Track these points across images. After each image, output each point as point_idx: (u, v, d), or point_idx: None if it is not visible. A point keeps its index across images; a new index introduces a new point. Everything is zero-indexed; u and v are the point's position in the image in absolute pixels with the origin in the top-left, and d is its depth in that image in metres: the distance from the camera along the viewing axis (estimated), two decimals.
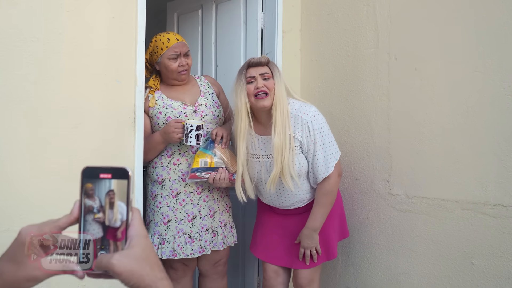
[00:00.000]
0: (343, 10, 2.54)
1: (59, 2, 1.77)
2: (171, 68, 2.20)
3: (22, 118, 1.68)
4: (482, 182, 1.95)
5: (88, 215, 0.65)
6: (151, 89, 2.25)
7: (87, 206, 0.65)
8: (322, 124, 2.05)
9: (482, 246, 1.95)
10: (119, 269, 0.60)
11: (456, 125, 2.04)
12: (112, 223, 0.65)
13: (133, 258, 0.62)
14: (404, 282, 2.23)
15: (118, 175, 0.66)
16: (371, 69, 2.39)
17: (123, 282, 0.62)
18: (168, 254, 2.14)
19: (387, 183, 2.31)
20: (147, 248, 0.64)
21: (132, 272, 0.61)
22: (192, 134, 2.05)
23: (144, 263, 0.62)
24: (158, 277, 0.63)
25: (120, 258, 0.61)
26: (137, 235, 0.64)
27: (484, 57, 1.95)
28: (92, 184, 0.65)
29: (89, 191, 0.65)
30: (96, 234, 0.65)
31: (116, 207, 0.65)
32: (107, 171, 0.66)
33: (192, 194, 2.21)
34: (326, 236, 2.15)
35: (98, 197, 0.65)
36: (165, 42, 2.20)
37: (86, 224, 0.65)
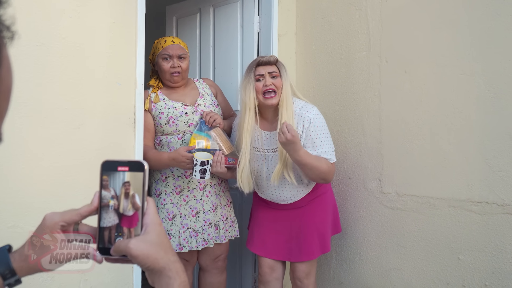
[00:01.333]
0: (337, 14, 2.61)
1: (62, 8, 1.85)
2: (163, 68, 2.31)
3: (26, 119, 1.75)
4: (468, 180, 2.03)
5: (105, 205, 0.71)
6: (154, 88, 2.35)
7: (103, 197, 0.71)
8: (322, 123, 2.14)
9: (468, 242, 2.02)
10: (136, 253, 0.66)
11: (444, 126, 2.11)
12: (127, 212, 0.71)
13: (148, 243, 0.67)
14: (395, 277, 2.31)
15: (134, 168, 0.71)
16: (363, 71, 2.46)
17: (139, 265, 0.67)
18: (174, 248, 2.23)
19: (378, 182, 2.38)
20: (161, 234, 0.70)
21: (147, 255, 0.66)
22: (197, 168, 2.14)
23: (158, 248, 0.68)
24: (171, 260, 0.68)
25: (136, 243, 0.67)
26: (152, 222, 0.70)
27: (470, 61, 2.02)
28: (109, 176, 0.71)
29: (104, 181, 0.71)
30: (112, 222, 0.71)
31: (130, 197, 0.70)
32: (124, 164, 0.71)
33: (195, 190, 2.30)
34: (322, 230, 2.23)
35: (113, 188, 0.71)
36: (162, 43, 2.34)
37: (103, 213, 0.71)
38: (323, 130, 2.13)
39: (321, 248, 2.25)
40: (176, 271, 0.68)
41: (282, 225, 2.27)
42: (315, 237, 2.22)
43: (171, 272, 0.67)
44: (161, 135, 2.31)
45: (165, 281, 0.67)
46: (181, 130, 2.29)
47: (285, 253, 2.28)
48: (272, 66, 2.12)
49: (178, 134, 2.29)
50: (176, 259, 0.69)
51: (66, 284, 1.85)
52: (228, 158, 2.24)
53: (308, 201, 2.24)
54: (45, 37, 1.80)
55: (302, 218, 2.23)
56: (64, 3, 1.85)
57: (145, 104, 2.26)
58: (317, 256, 2.25)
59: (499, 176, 1.93)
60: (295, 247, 2.24)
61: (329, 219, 2.29)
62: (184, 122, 2.29)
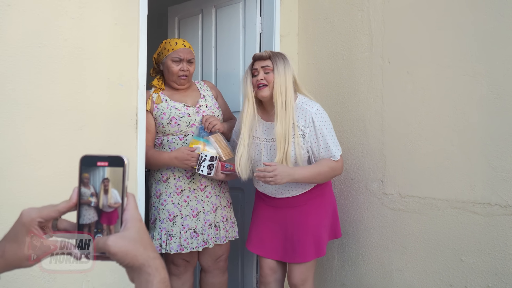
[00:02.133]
0: (339, 15, 2.61)
1: (65, 10, 1.85)
2: (172, 70, 2.32)
3: (29, 121, 1.75)
4: (471, 181, 2.02)
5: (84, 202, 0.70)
6: (156, 89, 2.35)
7: (83, 193, 0.70)
8: (325, 118, 2.16)
9: (471, 243, 2.02)
10: (114, 250, 0.65)
11: (447, 127, 2.11)
12: (106, 208, 0.70)
13: (127, 239, 0.66)
14: (397, 279, 2.30)
15: (114, 163, 0.70)
16: (365, 72, 2.46)
17: (118, 262, 0.66)
18: (176, 248, 2.23)
19: (381, 183, 2.38)
20: (141, 230, 0.69)
21: (126, 252, 0.65)
22: (205, 163, 2.18)
23: (137, 244, 0.66)
24: (151, 256, 0.67)
25: (115, 240, 0.65)
26: (132, 218, 0.69)
27: (473, 61, 2.02)
28: (89, 173, 0.70)
29: (84, 179, 0.70)
30: (91, 219, 0.70)
31: (110, 193, 0.69)
32: (104, 159, 0.70)
33: (196, 191, 2.30)
34: (317, 233, 2.20)
35: (93, 185, 0.70)
36: (173, 44, 2.34)
37: (82, 210, 0.70)
38: (326, 125, 2.15)
39: (316, 251, 2.20)
40: (155, 268, 0.67)
41: (278, 225, 2.26)
42: (309, 239, 2.19)
43: (151, 268, 0.66)
44: (162, 136, 2.32)
45: (144, 278, 0.66)
46: (183, 130, 2.30)
47: (281, 253, 2.26)
48: (266, 61, 2.18)
49: (180, 134, 2.30)
50: (156, 255, 0.68)
51: (68, 285, 1.86)
52: (225, 164, 2.26)
53: (304, 200, 2.21)
54: (47, 38, 1.80)
55: (297, 219, 2.20)
56: (67, 5, 1.86)
57: (147, 104, 2.27)
58: (310, 259, 2.20)
59: (502, 177, 1.93)
60: (290, 248, 2.22)
61: (325, 223, 2.24)
62: (186, 122, 2.30)
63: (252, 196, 2.84)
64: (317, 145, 2.13)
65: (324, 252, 2.22)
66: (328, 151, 2.13)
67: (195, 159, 2.18)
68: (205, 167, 2.18)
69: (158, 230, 2.26)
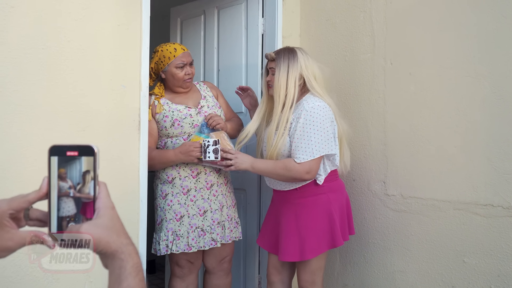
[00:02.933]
0: (341, 16, 2.61)
1: (68, 12, 1.86)
2: (178, 77, 2.32)
3: (32, 122, 1.76)
4: (473, 183, 2.02)
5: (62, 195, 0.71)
6: (157, 96, 2.35)
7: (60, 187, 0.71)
8: (314, 118, 2.06)
9: (473, 244, 2.02)
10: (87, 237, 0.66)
11: (449, 128, 2.11)
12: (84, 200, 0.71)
13: (100, 226, 0.68)
14: (400, 280, 2.30)
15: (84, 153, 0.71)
16: (367, 73, 2.46)
17: (91, 249, 0.67)
18: (183, 248, 2.23)
19: (383, 184, 2.38)
20: (113, 218, 0.70)
21: (99, 239, 0.67)
22: (210, 149, 2.18)
23: (110, 231, 0.68)
24: (123, 243, 0.69)
25: (87, 227, 0.67)
26: (104, 206, 0.71)
27: (475, 63, 2.02)
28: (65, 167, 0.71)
29: (62, 174, 0.71)
30: (70, 211, 0.71)
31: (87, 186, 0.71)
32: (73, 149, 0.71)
33: (202, 190, 2.31)
34: (303, 235, 2.12)
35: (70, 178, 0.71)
36: (172, 51, 2.32)
37: (61, 203, 0.71)
38: (311, 124, 2.05)
39: (300, 253, 2.11)
40: (128, 254, 0.68)
41: (274, 219, 2.27)
42: (295, 240, 2.12)
43: (124, 254, 0.67)
44: (166, 138, 2.32)
45: (117, 264, 0.67)
46: (186, 131, 2.30)
47: (274, 247, 2.25)
48: (272, 62, 2.23)
49: (183, 135, 2.31)
50: (129, 242, 0.70)
51: (71, 286, 1.86)
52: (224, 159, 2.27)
53: (297, 198, 2.16)
54: (50, 40, 1.81)
55: (287, 216, 2.17)
56: (70, 6, 1.86)
57: (148, 114, 2.23)
58: (293, 259, 2.14)
59: (505, 178, 1.92)
60: (279, 245, 2.18)
61: (316, 226, 2.12)
62: (189, 123, 2.31)
63: (254, 197, 2.85)
64: (292, 140, 2.10)
65: (309, 256, 2.11)
66: (296, 149, 2.07)
67: (199, 148, 2.19)
68: (211, 152, 2.19)
69: (165, 231, 2.26)
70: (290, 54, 2.18)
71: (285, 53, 2.19)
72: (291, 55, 2.17)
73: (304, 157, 2.05)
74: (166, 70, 2.34)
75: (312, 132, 2.05)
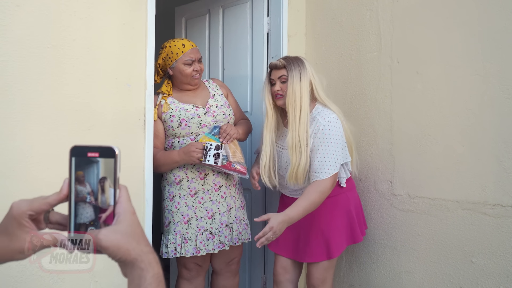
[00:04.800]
0: (347, 14, 2.60)
1: (73, 10, 1.85)
2: (186, 73, 2.28)
3: (38, 121, 1.75)
4: (482, 182, 2.00)
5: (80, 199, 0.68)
6: (164, 95, 2.32)
7: (78, 191, 0.68)
8: (333, 131, 2.08)
9: (482, 245, 2.00)
10: (106, 244, 0.63)
11: (457, 127, 2.09)
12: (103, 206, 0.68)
13: (119, 233, 0.64)
14: (406, 280, 2.28)
15: (105, 154, 0.67)
16: (374, 72, 2.44)
17: (110, 256, 0.64)
18: (192, 251, 2.20)
19: (389, 184, 2.36)
20: (133, 224, 0.67)
21: (118, 246, 0.63)
22: (211, 153, 2.15)
23: (130, 238, 0.65)
24: (144, 251, 0.65)
25: (106, 233, 0.64)
26: (124, 211, 0.67)
27: (484, 61, 2.00)
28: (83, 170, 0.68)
29: (80, 177, 0.68)
30: (88, 217, 0.68)
31: (107, 191, 0.68)
32: (94, 150, 0.67)
33: (210, 192, 2.28)
34: (327, 234, 2.17)
35: (88, 182, 0.68)
36: (180, 47, 2.28)
37: (79, 208, 0.68)
38: (330, 140, 2.07)
39: (327, 253, 2.17)
40: (149, 262, 0.65)
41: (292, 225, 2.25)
42: (319, 240, 2.17)
43: (144, 263, 0.64)
44: (173, 138, 2.29)
45: (137, 273, 0.64)
46: (194, 132, 2.28)
47: (292, 252, 2.26)
48: (281, 70, 2.15)
49: (190, 135, 2.28)
50: (149, 250, 0.66)
51: (77, 286, 1.86)
52: (232, 163, 2.24)
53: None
54: (56, 39, 1.80)
55: (309, 219, 2.18)
56: (75, 5, 1.85)
57: (154, 114, 2.23)
58: (320, 259, 2.18)
59: None
60: (301, 247, 2.21)
61: (338, 224, 2.20)
62: (196, 123, 2.27)
63: (259, 198, 2.84)
64: (314, 156, 2.08)
65: (335, 254, 2.18)
66: (319, 167, 2.06)
67: (200, 150, 2.15)
68: (211, 156, 2.15)
69: (173, 234, 2.23)
70: (299, 61, 2.15)
71: (294, 61, 2.16)
72: (300, 62, 2.15)
73: (329, 171, 2.06)
74: (174, 67, 2.30)
75: (332, 146, 2.07)
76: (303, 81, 2.11)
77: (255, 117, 2.80)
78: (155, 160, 2.18)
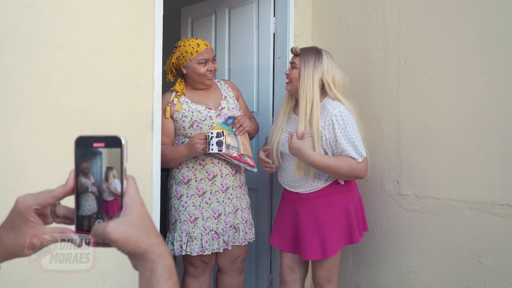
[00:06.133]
0: (353, 14, 2.60)
1: (82, 11, 1.86)
2: (200, 72, 2.29)
3: (48, 121, 1.76)
4: (490, 182, 2.00)
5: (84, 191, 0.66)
6: (178, 94, 2.32)
7: (84, 183, 0.66)
8: (347, 120, 2.08)
9: (490, 245, 1.99)
10: (115, 236, 0.60)
11: (464, 127, 2.08)
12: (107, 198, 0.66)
13: (128, 225, 0.62)
14: (414, 281, 2.28)
15: (111, 144, 0.65)
16: (381, 72, 2.44)
17: (119, 249, 0.62)
18: (197, 250, 2.22)
19: (396, 184, 2.36)
20: (142, 215, 0.64)
21: (127, 238, 0.61)
22: (213, 141, 2.13)
23: (139, 230, 0.62)
24: (154, 242, 0.63)
25: (115, 226, 0.61)
26: (132, 202, 0.65)
27: (492, 61, 1.99)
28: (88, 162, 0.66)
29: (85, 169, 0.66)
30: (92, 209, 0.66)
31: (111, 182, 0.66)
32: (100, 140, 0.65)
33: (217, 193, 2.29)
34: (324, 233, 2.13)
35: (92, 174, 0.66)
36: (195, 47, 2.29)
37: (82, 200, 0.66)
38: (348, 127, 2.07)
39: (322, 251, 2.13)
40: (160, 254, 0.62)
41: (291, 219, 2.25)
42: (316, 238, 2.14)
43: (154, 255, 0.62)
44: (183, 138, 2.30)
45: (148, 265, 0.62)
46: None
47: (293, 247, 2.25)
48: (296, 57, 2.21)
49: None
50: (160, 241, 0.64)
51: (85, 285, 1.87)
52: (243, 155, 2.25)
53: (315, 197, 2.18)
54: (65, 39, 1.81)
55: (306, 216, 2.17)
56: (84, 6, 1.86)
57: (166, 112, 2.25)
58: (314, 258, 2.16)
59: None
60: (304, 245, 2.18)
61: (335, 223, 2.15)
62: (208, 125, 2.27)
63: (266, 197, 2.84)
64: (336, 147, 2.08)
65: (331, 253, 2.13)
66: (349, 154, 2.07)
67: (203, 140, 2.13)
68: (214, 144, 2.12)
69: (179, 232, 2.25)
70: (316, 55, 2.16)
71: (311, 52, 2.17)
72: (317, 56, 2.16)
73: (359, 157, 2.07)
74: (188, 66, 2.31)
75: (352, 133, 2.08)
76: (315, 73, 2.13)
77: (262, 117, 2.80)
78: (163, 156, 2.18)
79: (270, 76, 2.82)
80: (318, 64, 2.14)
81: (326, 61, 2.15)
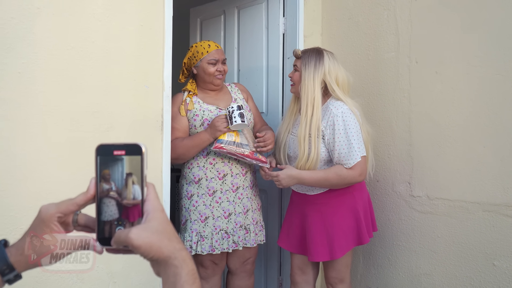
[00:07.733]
0: (364, 14, 2.57)
1: (92, 13, 1.86)
2: (209, 72, 2.33)
3: (59, 122, 1.76)
4: (504, 184, 1.96)
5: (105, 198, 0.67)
6: (190, 93, 2.36)
7: (105, 190, 0.67)
8: (348, 122, 2.07)
9: (504, 247, 1.96)
10: (138, 243, 0.61)
11: (477, 128, 2.05)
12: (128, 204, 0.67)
13: (151, 231, 0.63)
14: (426, 283, 2.25)
15: (131, 152, 0.66)
16: (392, 72, 2.41)
17: (142, 255, 0.63)
18: (207, 249, 2.23)
19: (408, 185, 2.33)
20: (164, 221, 0.65)
21: (150, 244, 0.62)
22: (235, 114, 2.17)
23: (161, 236, 0.63)
24: (176, 248, 0.63)
25: (138, 232, 0.62)
26: (153, 209, 0.66)
27: (506, 60, 1.96)
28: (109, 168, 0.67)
29: (106, 176, 0.67)
30: (113, 215, 0.67)
31: (130, 188, 0.66)
32: (121, 148, 0.66)
33: (228, 192, 2.29)
34: (331, 234, 2.12)
35: (113, 180, 0.67)
36: (206, 47, 2.35)
37: (103, 206, 0.67)
38: (347, 129, 2.06)
39: (330, 253, 2.13)
40: (182, 259, 0.63)
41: (300, 221, 2.24)
42: (323, 240, 2.13)
43: (177, 260, 0.62)
44: None
45: (171, 271, 0.62)
46: None
47: (300, 248, 2.24)
48: (297, 59, 2.22)
49: None
50: (182, 246, 0.64)
51: (96, 286, 1.87)
52: (254, 152, 2.26)
53: (324, 199, 2.17)
54: (75, 41, 1.81)
55: (314, 217, 2.16)
56: (94, 7, 1.87)
57: (181, 110, 2.30)
58: (322, 259, 2.15)
59: None
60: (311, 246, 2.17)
61: (343, 224, 2.14)
62: None
63: (275, 198, 2.83)
64: (333, 149, 2.08)
65: (339, 255, 2.12)
66: (341, 157, 2.06)
67: (224, 119, 2.19)
68: (237, 116, 2.17)
69: (189, 232, 2.26)
70: (317, 57, 2.15)
71: (312, 54, 2.16)
72: (317, 58, 2.15)
73: (352, 161, 2.05)
74: (198, 65, 2.36)
75: (351, 135, 2.06)
76: (316, 74, 2.12)
77: (271, 118, 2.79)
78: (181, 147, 2.22)
79: (280, 77, 2.80)
80: (319, 66, 2.13)
81: (327, 62, 2.14)
